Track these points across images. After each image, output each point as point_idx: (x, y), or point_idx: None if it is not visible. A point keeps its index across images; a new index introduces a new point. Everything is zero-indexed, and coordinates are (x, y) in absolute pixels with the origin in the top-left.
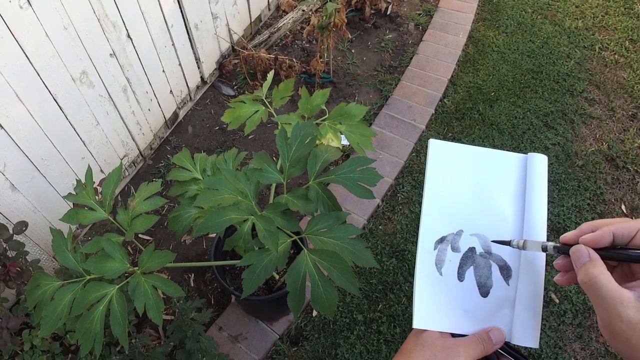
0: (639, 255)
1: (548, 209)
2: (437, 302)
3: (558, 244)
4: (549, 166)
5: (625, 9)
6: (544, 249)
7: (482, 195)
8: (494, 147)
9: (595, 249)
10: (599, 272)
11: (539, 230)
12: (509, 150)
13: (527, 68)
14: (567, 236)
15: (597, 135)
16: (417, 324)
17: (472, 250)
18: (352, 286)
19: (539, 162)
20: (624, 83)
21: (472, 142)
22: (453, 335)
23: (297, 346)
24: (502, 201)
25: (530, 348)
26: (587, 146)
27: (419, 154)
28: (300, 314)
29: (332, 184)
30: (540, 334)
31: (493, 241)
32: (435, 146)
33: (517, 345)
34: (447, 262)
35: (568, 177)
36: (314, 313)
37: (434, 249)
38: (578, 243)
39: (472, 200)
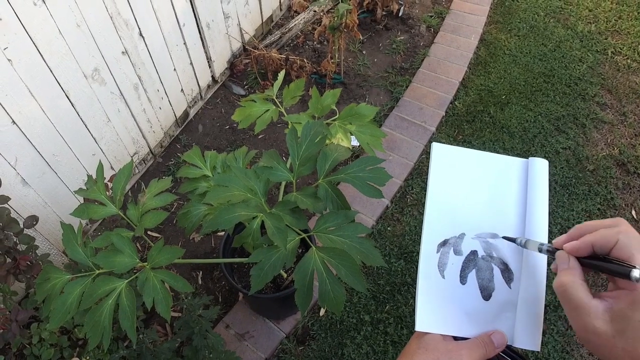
0: (614, 268)
1: (558, 213)
2: (440, 305)
3: (551, 247)
4: (559, 170)
5: (638, 13)
6: (540, 250)
7: (484, 199)
8: (505, 150)
9: (578, 257)
10: (570, 281)
11: (540, 234)
12: (519, 154)
13: (538, 71)
14: (558, 240)
15: (609, 140)
16: (419, 326)
17: (474, 253)
18: (360, 284)
19: (540, 167)
20: (637, 88)
21: (483, 145)
22: (455, 338)
23: (303, 345)
24: (503, 205)
25: (536, 352)
26: (599, 151)
27: (429, 156)
28: (307, 313)
29: (342, 185)
30: (548, 338)
31: (504, 237)
32: (438, 150)
33: (523, 350)
34: (450, 265)
35: (578, 181)
36: (321, 312)
37: (437, 252)
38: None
39: (475, 203)
